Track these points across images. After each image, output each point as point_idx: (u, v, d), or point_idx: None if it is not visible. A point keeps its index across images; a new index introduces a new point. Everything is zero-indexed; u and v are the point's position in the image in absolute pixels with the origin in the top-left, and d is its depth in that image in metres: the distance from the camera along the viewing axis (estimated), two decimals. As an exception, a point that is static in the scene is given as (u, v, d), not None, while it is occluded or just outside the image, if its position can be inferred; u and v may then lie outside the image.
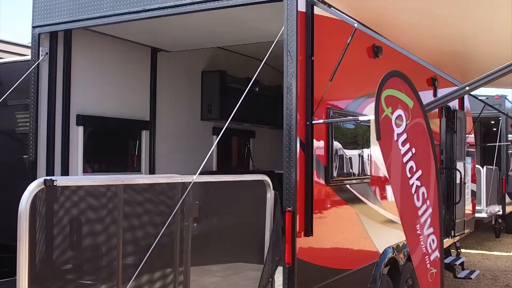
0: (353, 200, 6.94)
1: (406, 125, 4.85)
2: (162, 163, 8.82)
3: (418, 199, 4.92)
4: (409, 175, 4.83)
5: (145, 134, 8.67)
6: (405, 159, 4.80)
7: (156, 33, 7.97)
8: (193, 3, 6.32)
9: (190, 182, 4.74)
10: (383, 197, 7.73)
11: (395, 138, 4.72)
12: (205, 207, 5.33)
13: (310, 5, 5.93)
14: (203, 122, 9.70)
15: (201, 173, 4.99)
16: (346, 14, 6.51)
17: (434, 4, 6.38)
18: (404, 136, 4.80)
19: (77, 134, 7.65)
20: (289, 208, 5.63)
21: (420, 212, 4.94)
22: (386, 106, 4.65)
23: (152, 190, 4.69)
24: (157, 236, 4.39)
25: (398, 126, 4.76)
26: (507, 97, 18.63)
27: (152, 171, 8.69)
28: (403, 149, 4.78)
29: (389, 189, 7.88)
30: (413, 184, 4.87)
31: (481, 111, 14.64)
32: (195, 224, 4.98)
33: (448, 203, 11.14)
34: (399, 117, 4.79)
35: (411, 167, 4.85)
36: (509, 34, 7.28)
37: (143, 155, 8.65)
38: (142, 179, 5.01)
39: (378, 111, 4.55)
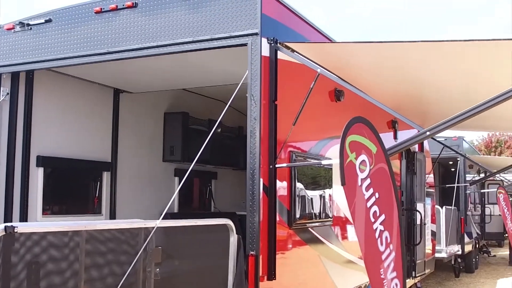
0: (316, 242, 6.95)
1: (370, 170, 4.90)
2: (123, 205, 8.73)
3: (381, 244, 4.94)
4: (373, 220, 4.86)
5: (106, 176, 8.58)
6: (369, 204, 4.83)
7: (119, 75, 7.96)
8: (157, 46, 6.34)
9: (153, 227, 4.68)
10: (345, 239, 7.77)
11: (359, 183, 4.76)
12: (168, 251, 5.27)
13: (274, 50, 6.01)
14: (165, 164, 9.65)
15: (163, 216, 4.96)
16: (309, 59, 6.61)
17: (395, 50, 6.51)
18: (368, 181, 4.84)
19: (37, 176, 7.54)
20: (252, 252, 5.61)
21: (383, 257, 4.97)
22: (350, 152, 4.69)
23: (114, 236, 4.62)
24: (119, 283, 4.31)
25: (362, 171, 4.80)
26: (464, 139, 19.01)
27: (113, 213, 8.58)
28: (367, 194, 4.82)
29: (351, 231, 7.92)
30: (376, 228, 4.90)
31: (440, 153, 14.92)
32: (158, 269, 4.92)
33: (409, 244, 11.22)
34: (363, 162, 4.83)
35: (375, 212, 4.89)
36: (467, 79, 7.46)
37: (104, 197, 8.55)
38: (104, 224, 4.93)
39: (342, 156, 4.60)
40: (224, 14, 6.09)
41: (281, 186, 6.15)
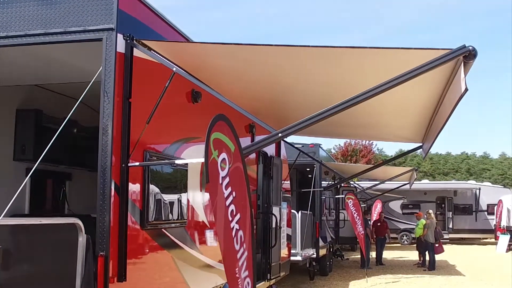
0: (169, 244, 6.89)
1: (229, 168, 4.92)
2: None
3: (237, 243, 4.97)
4: (230, 219, 4.88)
5: None
6: (227, 202, 4.84)
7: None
8: (7, 37, 6.05)
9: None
10: (200, 241, 7.76)
11: (220, 181, 4.76)
12: (11, 252, 5.02)
13: (129, 47, 5.91)
14: (16, 163, 9.20)
15: (11, 217, 4.71)
16: (167, 59, 6.56)
17: (252, 53, 6.61)
18: (227, 179, 4.85)
19: None
20: (101, 253, 5.47)
21: (238, 255, 4.99)
22: (214, 149, 4.69)
23: None
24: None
25: (222, 169, 4.81)
26: (321, 146, 19.70)
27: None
28: (226, 192, 4.83)
29: (207, 234, 7.94)
30: (233, 227, 4.92)
31: (296, 158, 15.35)
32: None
33: (264, 247, 11.42)
34: (223, 160, 4.84)
35: (232, 211, 4.91)
36: (322, 84, 7.71)
37: None
38: None
39: (207, 154, 4.57)
40: (80, 8, 5.92)
41: (134, 186, 6.04)
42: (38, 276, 5.30)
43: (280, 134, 5.63)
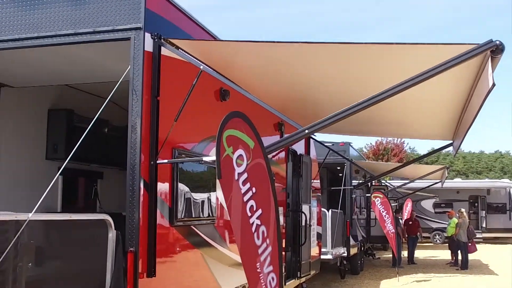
0: (198, 241, 6.96)
1: (247, 165, 4.95)
2: (2, 202, 8.38)
3: (258, 238, 5.00)
4: (249, 214, 4.91)
5: None
6: (245, 198, 4.88)
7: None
8: (38, 37, 6.18)
9: (25, 220, 4.54)
10: (229, 238, 7.81)
11: (236, 177, 4.80)
12: (44, 247, 5.13)
13: (157, 46, 5.99)
14: (48, 162, 9.36)
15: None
16: (194, 57, 6.62)
17: (279, 50, 6.63)
18: (245, 175, 4.89)
19: None
20: (131, 249, 5.55)
21: (260, 251, 5.03)
22: (227, 146, 4.73)
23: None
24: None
25: (239, 165, 4.85)
26: (351, 144, 19.64)
27: (-10, 211, 8.22)
28: (244, 189, 4.87)
29: (235, 231, 7.98)
30: (253, 223, 4.95)
31: (326, 157, 15.34)
32: (30, 264, 4.77)
33: (294, 244, 11.44)
34: (240, 156, 4.88)
35: (252, 206, 4.94)
36: (349, 82, 7.71)
37: (-18, 194, 8.19)
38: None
39: (219, 150, 4.63)
40: (108, 8, 6.02)
41: (163, 184, 6.12)
42: (69, 272, 5.40)
43: (306, 131, 5.65)
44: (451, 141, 11.56)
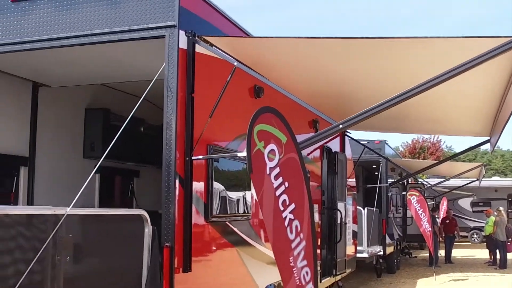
0: (234, 237, 6.99)
1: (279, 159, 4.96)
2: (41, 200, 8.52)
3: (291, 232, 5.01)
4: (282, 208, 4.92)
5: (23, 171, 8.36)
6: (277, 193, 4.90)
7: (37, 67, 7.79)
8: (73, 36, 6.28)
9: (63, 214, 4.62)
10: (264, 235, 7.82)
11: (268, 172, 4.82)
12: (81, 241, 5.21)
13: (191, 43, 6.04)
14: (86, 160, 9.51)
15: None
16: (228, 54, 6.66)
17: (313, 46, 6.63)
18: (277, 170, 4.91)
19: None
20: (167, 244, 5.61)
21: (293, 245, 5.04)
22: (258, 141, 4.75)
23: (21, 222, 4.53)
24: (25, 271, 4.23)
25: (270, 160, 4.86)
26: (387, 142, 19.49)
27: (30, 209, 8.39)
28: (276, 183, 4.88)
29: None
30: (286, 217, 4.96)
31: (361, 154, 15.26)
32: (68, 258, 4.85)
33: (330, 242, 11.41)
34: (271, 151, 4.89)
35: (284, 201, 4.95)
36: (384, 78, 7.67)
37: (21, 192, 8.33)
38: (12, 209, 4.83)
39: (250, 145, 4.65)
40: (142, 6, 6.08)
41: (198, 180, 6.16)
42: (106, 266, 5.47)
43: (341, 126, 5.65)
44: (489, 138, 11.41)
